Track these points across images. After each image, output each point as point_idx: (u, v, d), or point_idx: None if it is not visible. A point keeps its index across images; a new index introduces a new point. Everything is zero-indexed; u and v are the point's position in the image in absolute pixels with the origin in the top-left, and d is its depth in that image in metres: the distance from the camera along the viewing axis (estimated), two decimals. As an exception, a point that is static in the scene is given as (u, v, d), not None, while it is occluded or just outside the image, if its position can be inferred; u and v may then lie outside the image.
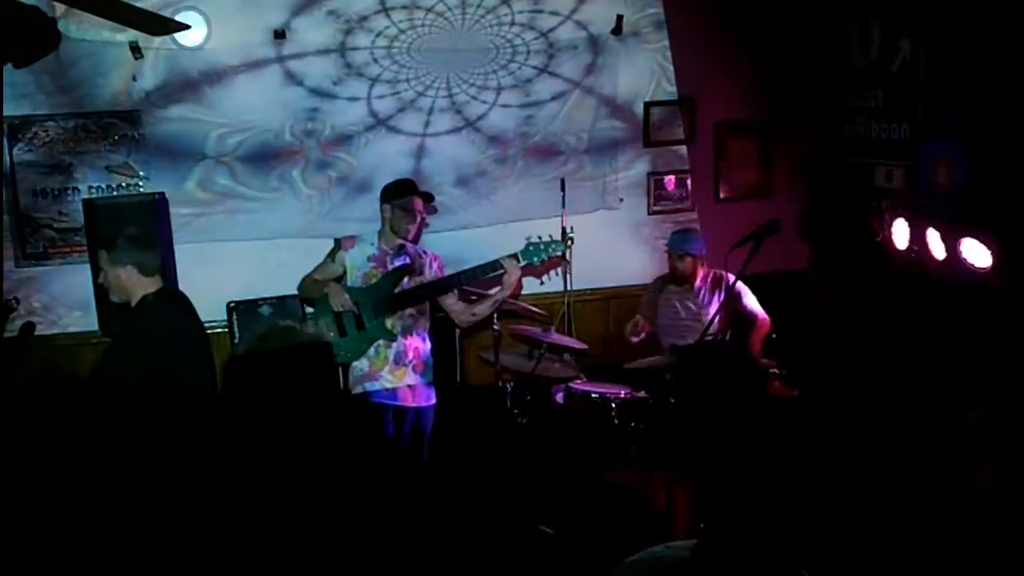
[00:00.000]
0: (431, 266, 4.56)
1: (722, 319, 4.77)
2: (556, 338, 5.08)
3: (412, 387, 4.48)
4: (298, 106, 5.40)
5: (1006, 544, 3.29)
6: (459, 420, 5.11)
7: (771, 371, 4.66)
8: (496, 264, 4.36)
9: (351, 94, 5.46)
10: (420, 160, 5.60)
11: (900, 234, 4.50)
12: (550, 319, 5.51)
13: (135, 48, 5.11)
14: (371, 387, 4.42)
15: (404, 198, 4.47)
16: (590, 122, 5.85)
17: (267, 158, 5.41)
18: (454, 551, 4.04)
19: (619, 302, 5.99)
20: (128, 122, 5.24)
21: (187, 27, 5.00)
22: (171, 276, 5.07)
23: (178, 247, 5.22)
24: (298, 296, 4.86)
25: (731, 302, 4.92)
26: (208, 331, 5.36)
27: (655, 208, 6.07)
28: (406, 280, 4.46)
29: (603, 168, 5.93)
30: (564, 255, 4.76)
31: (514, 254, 4.35)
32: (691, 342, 4.85)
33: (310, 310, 4.73)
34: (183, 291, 4.43)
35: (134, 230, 3.78)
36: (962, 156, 4.51)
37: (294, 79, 5.36)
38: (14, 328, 4.34)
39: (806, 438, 4.13)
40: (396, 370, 4.44)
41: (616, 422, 4.67)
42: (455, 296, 4.52)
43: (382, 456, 4.30)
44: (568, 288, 5.74)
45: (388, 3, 5.36)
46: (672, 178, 6.07)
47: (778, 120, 6.00)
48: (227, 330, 5.38)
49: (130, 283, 3.67)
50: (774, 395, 4.55)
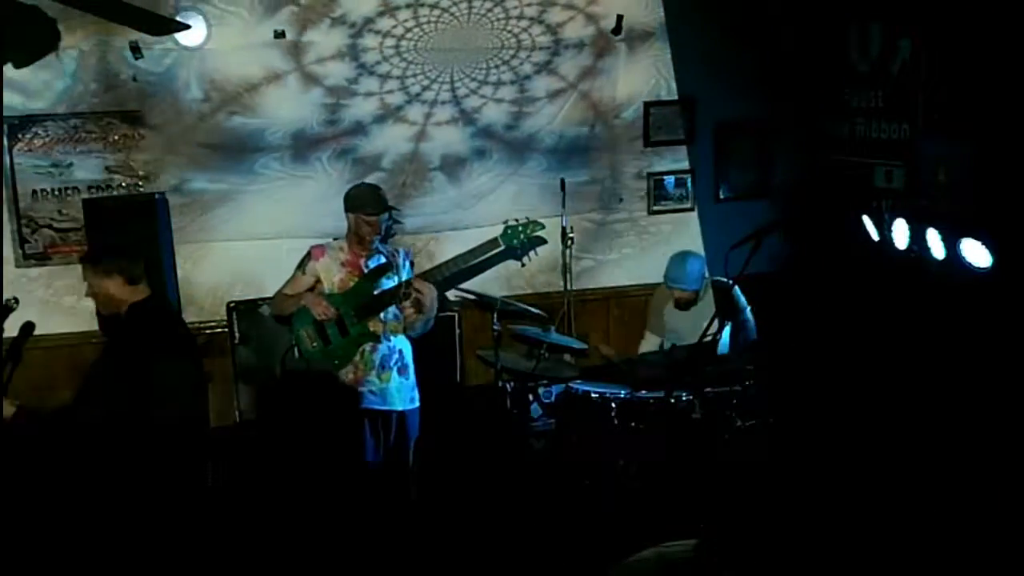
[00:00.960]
0: (404, 263, 4.55)
1: (720, 323, 4.75)
2: (556, 338, 5.08)
3: (398, 390, 4.47)
4: (320, 103, 5.44)
5: (1006, 544, 3.29)
6: (459, 420, 5.11)
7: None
8: (485, 246, 4.40)
9: (366, 90, 5.49)
10: (419, 143, 5.62)
11: (900, 234, 4.50)
12: (550, 319, 5.51)
13: (135, 48, 5.11)
14: (358, 392, 4.39)
15: (369, 215, 4.36)
16: (590, 121, 5.85)
17: (303, 147, 5.47)
18: (454, 551, 4.04)
19: (619, 302, 6.00)
20: (128, 122, 5.25)
21: (187, 27, 5.00)
22: (171, 276, 5.09)
23: (178, 247, 5.22)
24: (271, 314, 4.84)
25: (730, 308, 4.89)
26: (208, 331, 5.42)
27: (655, 208, 6.07)
28: (384, 279, 4.45)
29: (602, 168, 5.93)
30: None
31: (492, 239, 4.37)
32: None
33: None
34: (170, 297, 4.46)
35: (111, 241, 3.78)
36: (962, 156, 4.51)
37: (315, 82, 5.40)
38: (14, 328, 4.33)
39: (805, 440, 4.14)
40: (382, 373, 4.41)
41: (616, 422, 4.67)
42: (409, 303, 4.44)
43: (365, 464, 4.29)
44: (568, 288, 5.75)
45: (392, 3, 5.38)
46: (672, 178, 6.07)
47: (778, 120, 6.00)
48: (227, 330, 5.38)
49: (118, 293, 3.67)
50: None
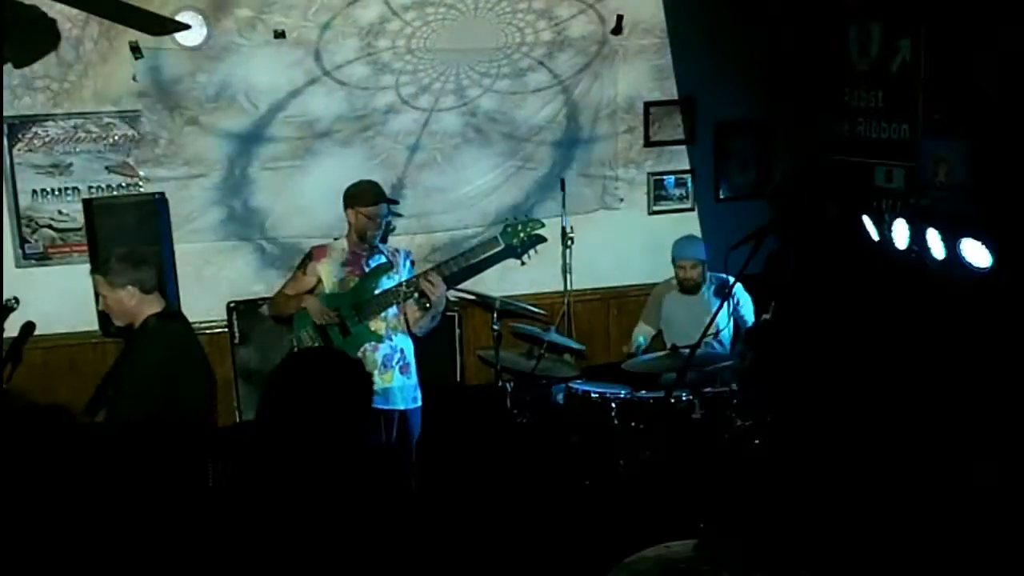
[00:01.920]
0: (404, 262, 4.56)
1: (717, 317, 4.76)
2: (556, 338, 5.09)
3: (401, 389, 4.47)
4: (349, 98, 5.49)
5: (1006, 545, 3.29)
6: (459, 420, 5.11)
7: None
8: (487, 244, 4.49)
9: (384, 84, 5.53)
10: (425, 126, 5.63)
11: (900, 234, 4.50)
12: (550, 319, 5.51)
13: (135, 48, 5.11)
14: None
15: (368, 207, 4.42)
16: (590, 119, 5.85)
17: (340, 133, 5.53)
18: (454, 551, 4.04)
19: (619, 302, 5.99)
20: (128, 122, 5.25)
21: (187, 27, 5.00)
22: (171, 276, 5.08)
23: (178, 247, 5.22)
24: (269, 314, 4.85)
25: (731, 305, 4.91)
26: (208, 331, 5.41)
27: (655, 208, 6.06)
28: (385, 279, 4.45)
29: (603, 168, 5.93)
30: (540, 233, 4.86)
31: (493, 238, 4.38)
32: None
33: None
34: (177, 299, 4.45)
35: (125, 249, 3.73)
36: (962, 156, 4.50)
37: (341, 83, 5.45)
38: (14, 328, 4.33)
39: (805, 439, 4.13)
40: (384, 373, 4.42)
41: (616, 422, 4.67)
42: (413, 303, 4.49)
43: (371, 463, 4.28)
44: (568, 288, 5.75)
45: (395, 6, 5.41)
46: (672, 178, 6.07)
47: (778, 120, 6.00)
48: (227, 330, 5.38)
49: (132, 304, 3.62)
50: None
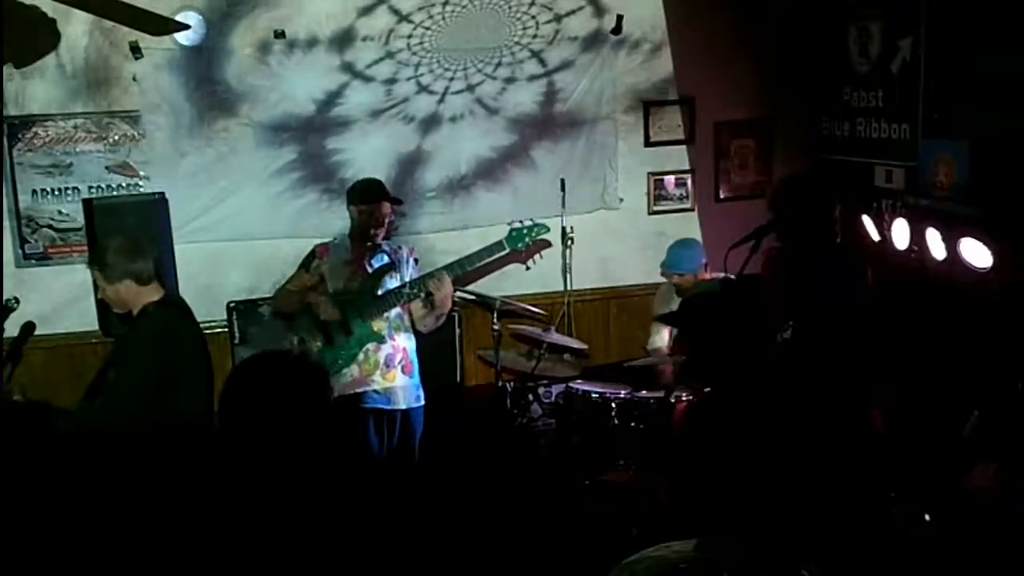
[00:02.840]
0: (408, 260, 4.55)
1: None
2: (556, 338, 5.09)
3: (403, 388, 4.47)
4: (378, 91, 5.55)
5: (1005, 546, 3.29)
6: (459, 420, 5.11)
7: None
8: (492, 248, 4.41)
9: (406, 76, 5.57)
10: (439, 105, 5.67)
11: (900, 234, 4.49)
12: (550, 319, 5.51)
13: (135, 48, 5.11)
14: (362, 392, 4.39)
15: (371, 204, 4.42)
16: (589, 119, 5.85)
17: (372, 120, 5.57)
18: (454, 551, 4.04)
19: (619, 302, 5.99)
20: (128, 122, 5.25)
21: (187, 27, 5.00)
22: (171, 276, 5.08)
23: (178, 247, 5.22)
24: (273, 310, 4.85)
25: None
26: (208, 331, 5.40)
27: (655, 208, 6.06)
28: (388, 278, 4.45)
29: (603, 168, 5.93)
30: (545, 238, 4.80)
31: (497, 242, 4.36)
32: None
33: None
34: (182, 296, 4.43)
35: (119, 241, 3.73)
36: (962, 156, 4.50)
37: (369, 79, 5.51)
38: (14, 328, 4.33)
39: (804, 437, 4.13)
40: (387, 372, 4.42)
41: (616, 422, 4.67)
42: (419, 301, 4.47)
43: (369, 461, 4.29)
44: (568, 288, 5.75)
45: (403, 11, 5.44)
46: (672, 178, 6.07)
47: (778, 120, 6.00)
48: (227, 330, 5.38)
49: (130, 295, 3.65)
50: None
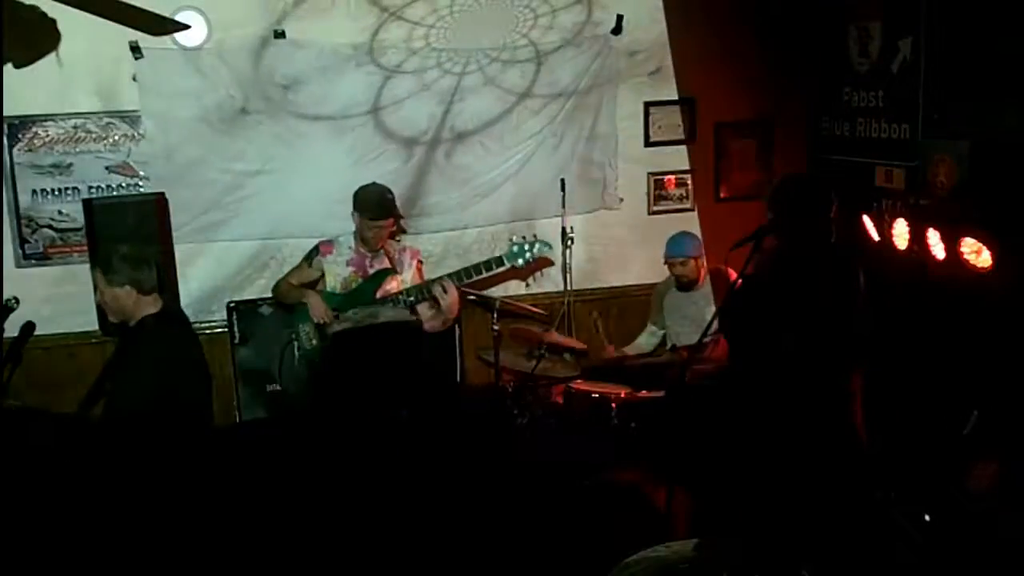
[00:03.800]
0: (410, 264, 4.54)
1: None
2: (556, 338, 5.08)
3: None
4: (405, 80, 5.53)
5: (1005, 547, 3.29)
6: (459, 420, 5.11)
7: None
8: (492, 263, 4.34)
9: (431, 65, 5.56)
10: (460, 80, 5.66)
11: (900, 234, 4.49)
12: (550, 319, 5.51)
13: (135, 48, 5.11)
14: None
15: (376, 220, 4.40)
16: (589, 119, 5.85)
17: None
18: (453, 551, 4.04)
19: (619, 302, 5.99)
20: (128, 122, 5.25)
21: (187, 27, 5.00)
22: (171, 276, 5.08)
23: (178, 247, 5.22)
24: (272, 299, 4.84)
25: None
26: (208, 331, 5.41)
27: (655, 208, 6.07)
28: (387, 282, 4.43)
29: (603, 168, 5.93)
30: (547, 256, 4.74)
31: (497, 257, 4.33)
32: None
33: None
34: (177, 299, 4.43)
35: (127, 248, 3.73)
36: (962, 156, 4.50)
37: (396, 70, 5.52)
38: (14, 328, 4.33)
39: (803, 438, 4.13)
40: None
41: (616, 422, 4.67)
42: (427, 304, 4.47)
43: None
44: (568, 288, 5.75)
45: (411, 17, 5.45)
46: (672, 178, 6.07)
47: (778, 120, 6.00)
48: (227, 330, 5.39)
49: (129, 303, 3.63)
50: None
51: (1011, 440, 3.78)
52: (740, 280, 3.67)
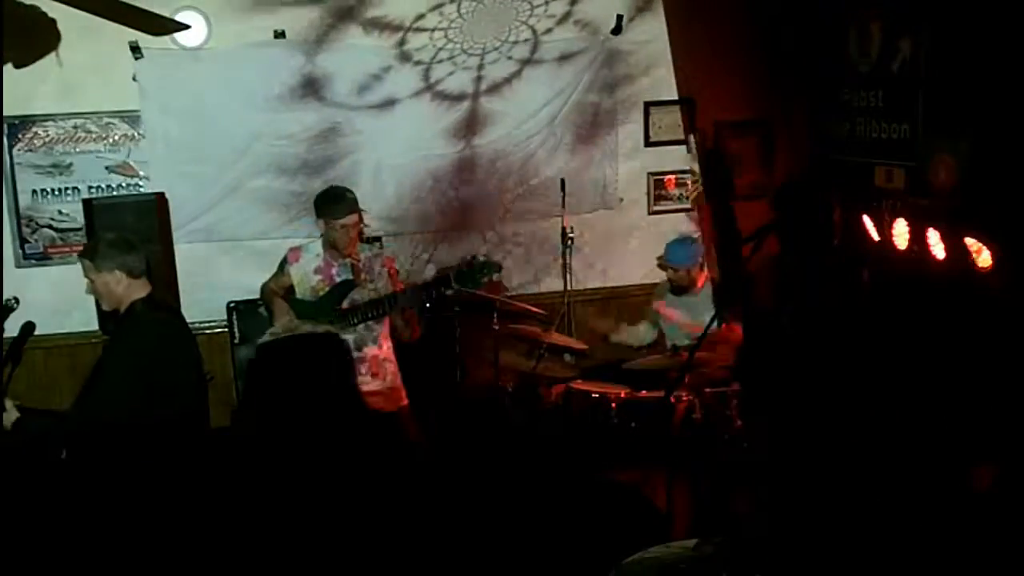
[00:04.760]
0: (380, 271, 4.45)
1: (719, 320, 4.77)
2: (556, 338, 5.08)
3: (379, 393, 4.40)
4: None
5: (1005, 549, 3.29)
6: (459, 420, 5.11)
7: None
8: (439, 283, 4.28)
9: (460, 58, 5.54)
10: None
11: (900, 234, 4.49)
12: (550, 319, 5.51)
13: (135, 48, 5.12)
14: None
15: (338, 217, 4.27)
16: (589, 119, 5.85)
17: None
18: (453, 551, 4.04)
19: (619, 302, 5.99)
20: (128, 122, 5.25)
21: (187, 27, 5.00)
22: (171, 276, 5.09)
23: (178, 247, 5.23)
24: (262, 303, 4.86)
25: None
26: (208, 331, 5.42)
27: (655, 208, 6.07)
28: (355, 292, 4.37)
29: (603, 168, 5.93)
30: (495, 278, 4.63)
31: (445, 278, 4.26)
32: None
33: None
34: (175, 296, 4.42)
35: (112, 235, 3.76)
36: (962, 156, 4.50)
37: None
38: (14, 328, 4.33)
39: (803, 440, 4.13)
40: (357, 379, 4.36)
41: (616, 422, 4.67)
42: (399, 314, 4.39)
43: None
44: (568, 288, 5.75)
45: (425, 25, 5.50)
46: (672, 178, 6.07)
47: (778, 120, 6.00)
48: (227, 330, 5.39)
49: (119, 288, 3.64)
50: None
51: (1011, 440, 3.78)
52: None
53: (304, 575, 2.34)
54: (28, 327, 4.04)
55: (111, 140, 5.25)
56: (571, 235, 5.68)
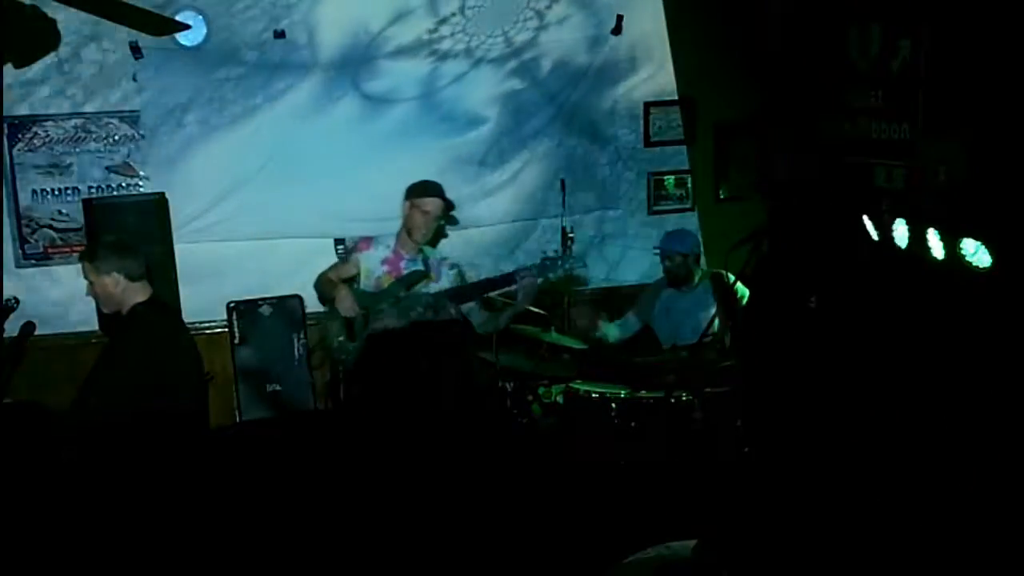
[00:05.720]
0: (447, 273, 4.46)
1: (722, 320, 4.77)
2: (556, 338, 5.08)
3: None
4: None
5: (1005, 548, 3.29)
6: (459, 420, 5.10)
7: None
8: (511, 277, 4.30)
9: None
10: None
11: (900, 234, 4.49)
12: (550, 319, 5.50)
13: (135, 48, 5.12)
14: None
15: (423, 197, 4.39)
16: (589, 119, 5.85)
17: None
18: (453, 551, 4.04)
19: (619, 302, 5.98)
20: (128, 122, 5.25)
21: (187, 27, 5.01)
22: (171, 276, 5.09)
23: (178, 247, 5.22)
24: (272, 299, 4.84)
25: (731, 303, 4.91)
26: (208, 331, 5.42)
27: (655, 208, 6.06)
28: (420, 286, 4.37)
29: (603, 168, 5.93)
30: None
31: (528, 267, 4.29)
32: (690, 343, 4.84)
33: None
34: (175, 296, 4.42)
35: (112, 237, 3.77)
36: (962, 156, 4.50)
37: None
38: (14, 328, 4.34)
39: (802, 440, 4.14)
40: None
41: (616, 422, 4.67)
42: (477, 304, 4.43)
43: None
44: (568, 288, 5.74)
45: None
46: (672, 178, 6.07)
47: (778, 120, 5.99)
48: (227, 330, 5.39)
49: (119, 291, 3.64)
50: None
51: (1011, 440, 3.78)
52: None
53: (308, 571, 2.34)
54: (28, 327, 4.06)
55: (111, 140, 5.25)
56: (571, 235, 5.68)
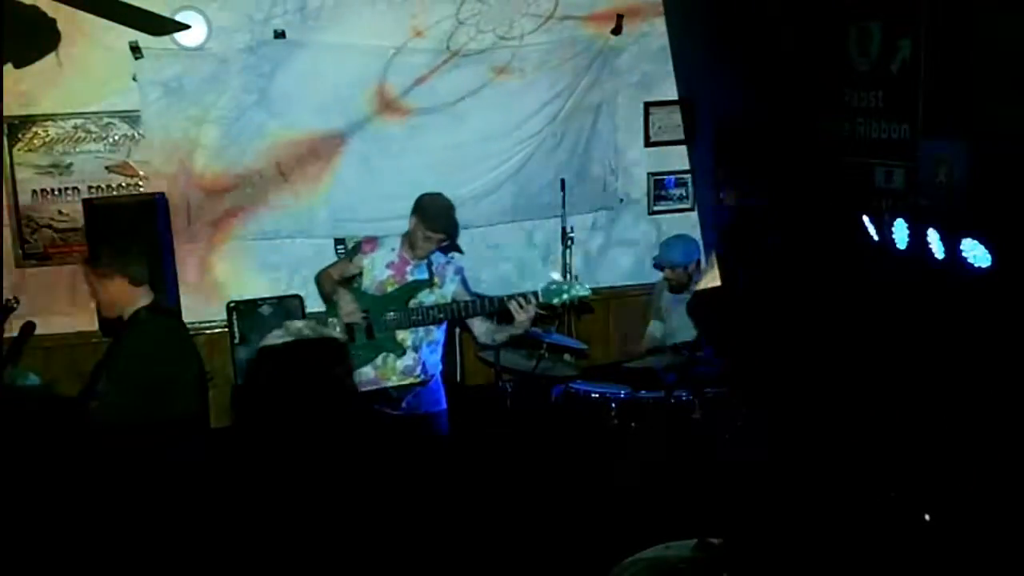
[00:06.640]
0: (452, 279, 4.39)
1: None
2: (556, 338, 5.08)
3: (415, 396, 4.37)
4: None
5: (1005, 548, 3.29)
6: (459, 420, 5.11)
7: None
8: (518, 299, 4.22)
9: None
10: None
11: (900, 234, 4.49)
12: (550, 319, 5.50)
13: (135, 48, 5.12)
14: (375, 390, 4.33)
15: (435, 232, 4.19)
16: (589, 119, 5.85)
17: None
18: (454, 551, 4.04)
19: (619, 302, 5.99)
20: (128, 122, 5.26)
21: (187, 27, 5.00)
22: (171, 276, 5.09)
23: (178, 247, 5.23)
24: (272, 299, 4.80)
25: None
26: (208, 331, 5.42)
27: (655, 208, 6.07)
28: (424, 293, 4.33)
29: (603, 168, 5.93)
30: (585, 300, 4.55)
31: (533, 292, 4.21)
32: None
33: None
34: (177, 299, 4.41)
35: (115, 241, 3.77)
36: (962, 156, 4.50)
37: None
38: (14, 328, 4.34)
39: (802, 440, 4.14)
40: (403, 379, 4.35)
41: (616, 422, 4.67)
42: (481, 316, 4.36)
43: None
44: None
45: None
46: (672, 178, 6.07)
47: (778, 120, 5.99)
48: (227, 330, 5.39)
49: (122, 296, 3.64)
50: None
51: (1011, 440, 3.78)
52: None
53: (306, 572, 2.34)
54: (28, 327, 4.05)
55: (111, 140, 5.25)
56: (571, 235, 5.68)
